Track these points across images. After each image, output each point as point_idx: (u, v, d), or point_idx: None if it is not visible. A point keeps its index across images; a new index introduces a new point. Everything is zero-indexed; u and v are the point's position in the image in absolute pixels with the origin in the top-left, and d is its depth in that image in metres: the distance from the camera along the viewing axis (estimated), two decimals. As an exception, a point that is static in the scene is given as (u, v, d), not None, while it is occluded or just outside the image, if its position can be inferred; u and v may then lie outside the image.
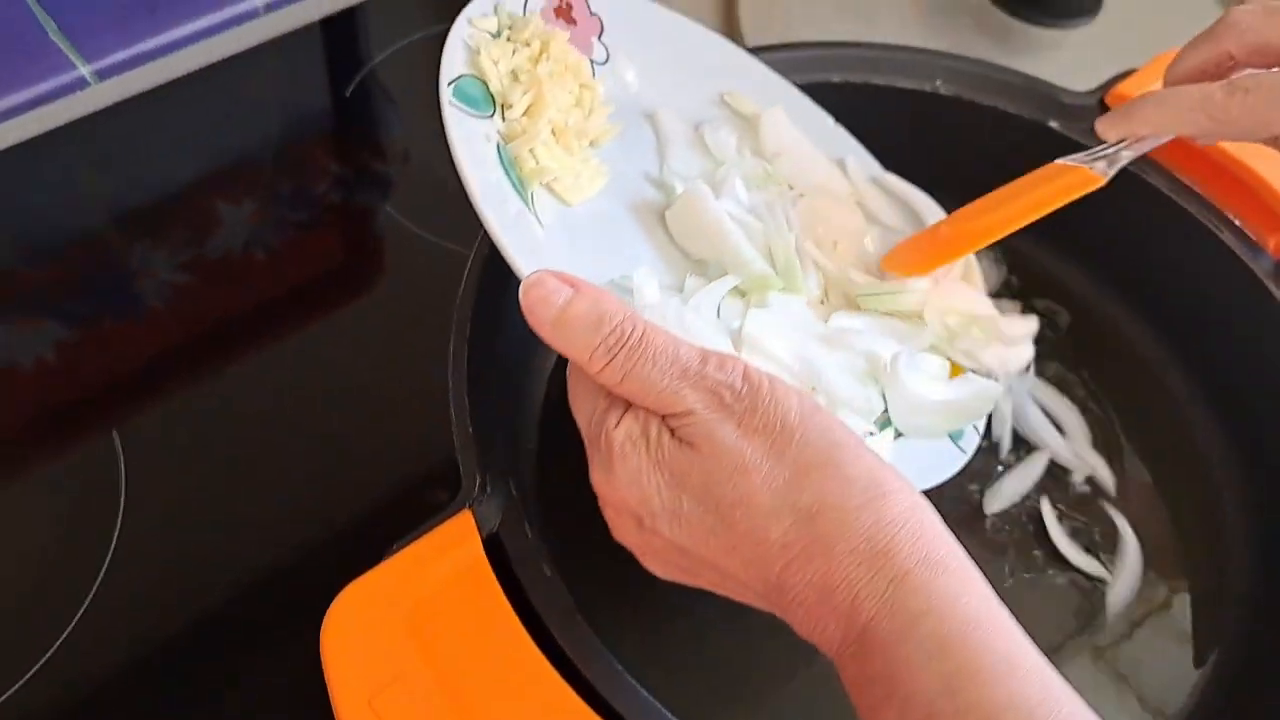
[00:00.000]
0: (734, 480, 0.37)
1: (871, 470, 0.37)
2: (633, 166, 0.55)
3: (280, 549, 0.59)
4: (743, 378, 0.38)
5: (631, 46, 0.59)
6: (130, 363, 0.67)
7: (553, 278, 0.40)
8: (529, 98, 0.50)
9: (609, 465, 0.40)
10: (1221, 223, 0.62)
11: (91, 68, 0.75)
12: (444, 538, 0.46)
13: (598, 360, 0.39)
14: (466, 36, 0.50)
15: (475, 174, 0.45)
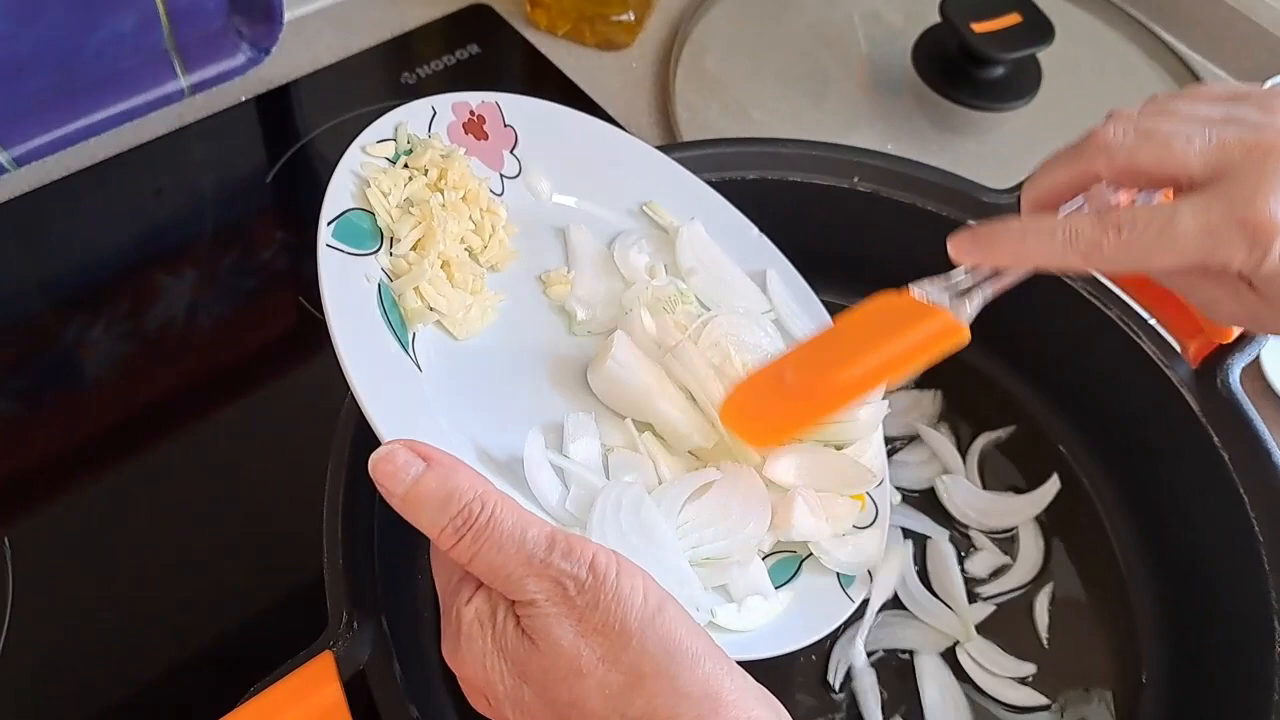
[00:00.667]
0: (569, 682, 0.36)
1: (707, 681, 0.36)
2: (535, 284, 0.54)
3: (153, 673, 0.58)
4: (589, 568, 0.37)
5: (547, 157, 0.58)
6: (26, 462, 0.65)
7: (403, 451, 0.39)
8: (418, 231, 0.49)
9: (456, 642, 0.39)
10: (1142, 330, 0.61)
11: (9, 154, 0.75)
12: (303, 681, 0.44)
13: (446, 539, 0.38)
14: (358, 166, 0.49)
15: (342, 324, 0.44)
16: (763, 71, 0.89)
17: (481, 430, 0.47)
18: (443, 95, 0.55)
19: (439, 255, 0.49)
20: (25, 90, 0.73)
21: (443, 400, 0.46)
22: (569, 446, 0.48)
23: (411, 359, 0.46)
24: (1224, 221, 0.40)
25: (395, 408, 0.43)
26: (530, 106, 0.58)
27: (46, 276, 0.75)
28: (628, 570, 0.37)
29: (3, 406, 0.68)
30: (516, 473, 0.46)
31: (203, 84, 0.82)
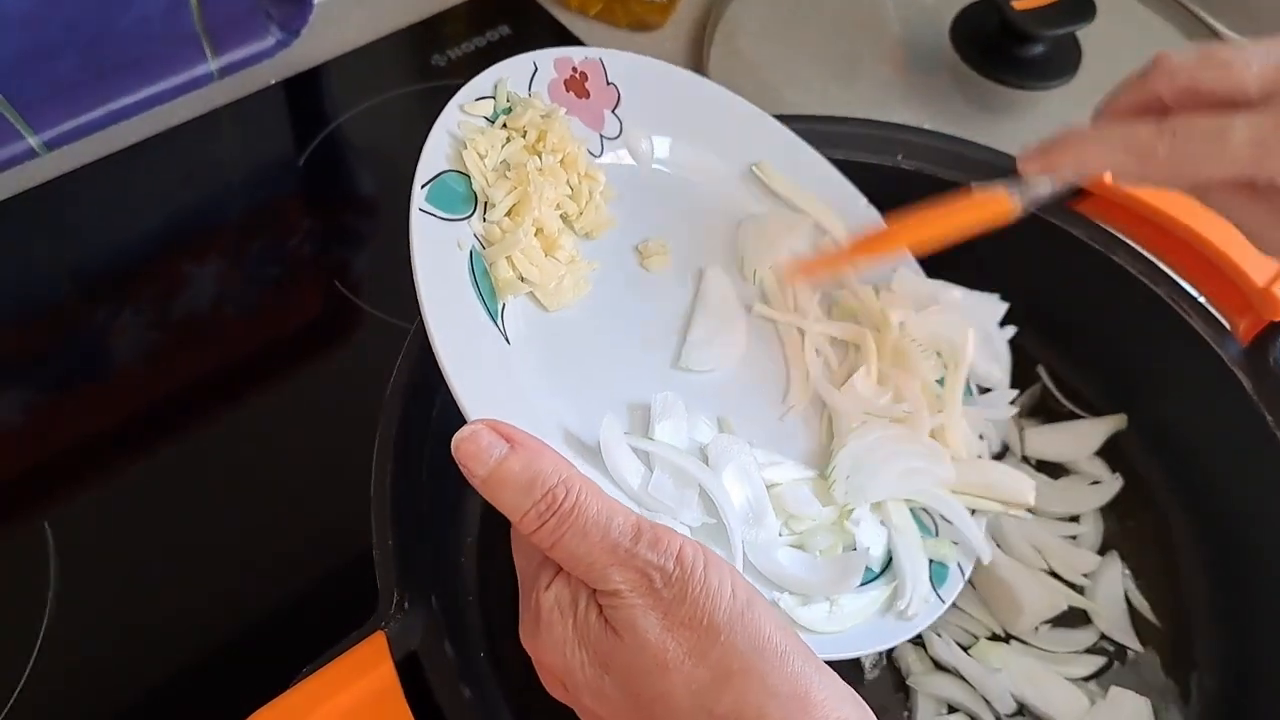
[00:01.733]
0: (654, 676, 0.35)
1: (796, 680, 0.35)
2: (630, 254, 0.53)
3: (200, 656, 0.57)
4: (675, 560, 0.36)
5: (651, 117, 0.56)
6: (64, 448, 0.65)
7: (487, 432, 0.38)
8: (513, 197, 0.47)
9: (535, 627, 0.38)
10: (1191, 308, 0.60)
11: (40, 138, 0.74)
12: (355, 662, 0.44)
13: (529, 524, 0.37)
14: (455, 126, 0.48)
15: (431, 294, 0.42)
16: (797, 52, 0.87)
17: (567, 407, 0.45)
18: (546, 50, 0.53)
19: (534, 222, 0.47)
20: (54, 73, 0.72)
21: (530, 374, 0.45)
22: (655, 427, 0.46)
23: (500, 330, 0.45)
24: (1276, 132, 0.42)
25: (481, 383, 0.42)
26: (636, 63, 0.55)
27: (77, 262, 0.74)
28: (715, 563, 0.36)
29: (39, 393, 0.67)
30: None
31: (232, 67, 0.81)
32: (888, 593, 0.48)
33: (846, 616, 0.46)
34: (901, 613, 0.48)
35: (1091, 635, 0.57)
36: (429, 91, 0.86)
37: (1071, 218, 0.63)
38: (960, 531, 0.52)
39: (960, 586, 0.51)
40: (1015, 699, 0.55)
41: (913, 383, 0.54)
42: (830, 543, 0.48)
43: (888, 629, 0.47)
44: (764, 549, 0.45)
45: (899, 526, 0.50)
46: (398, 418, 0.51)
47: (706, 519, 0.44)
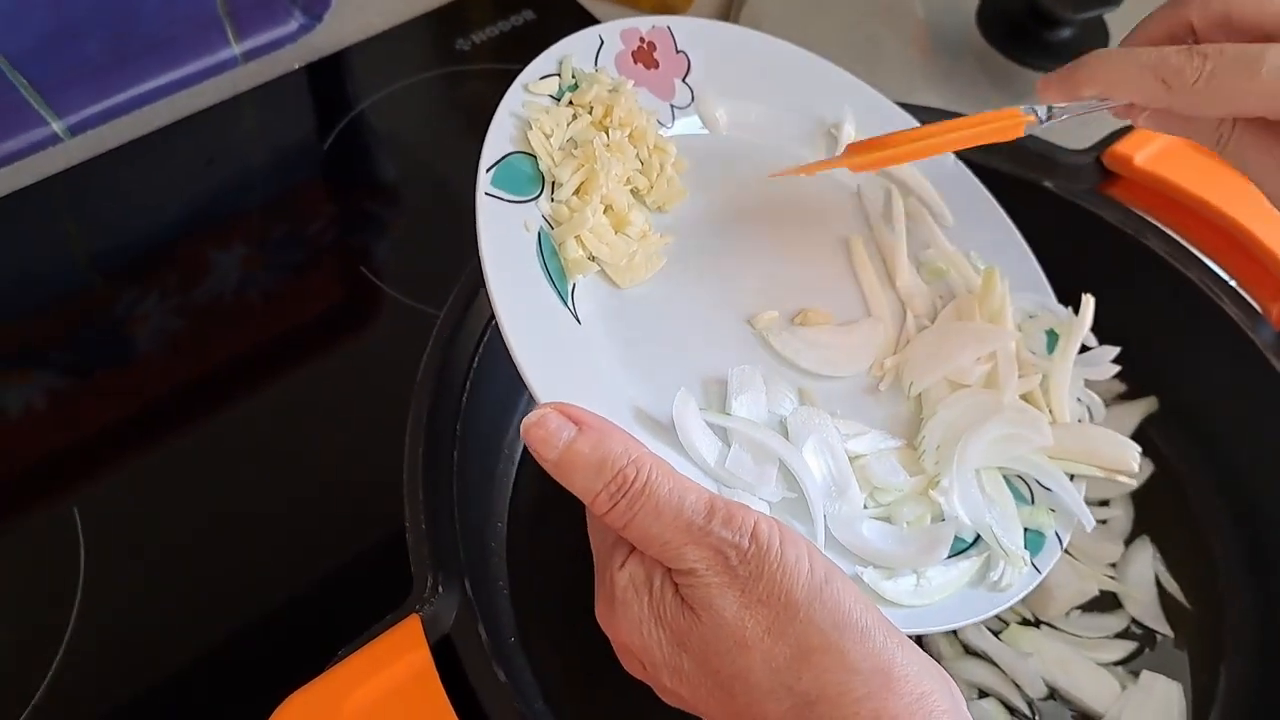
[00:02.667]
0: (733, 654, 0.35)
1: (878, 656, 0.34)
2: (706, 222, 0.52)
3: (233, 639, 0.57)
4: (750, 537, 0.35)
5: (723, 83, 0.55)
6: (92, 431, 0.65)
7: (555, 415, 0.37)
8: (580, 175, 0.47)
9: (611, 606, 0.38)
10: (1223, 292, 0.59)
11: (64, 123, 0.74)
12: (390, 645, 0.44)
13: (601, 505, 0.36)
14: (520, 106, 0.47)
15: (499, 278, 0.42)
16: (820, 35, 0.87)
17: (641, 385, 0.45)
18: (612, 23, 0.52)
19: (602, 199, 0.47)
20: (79, 56, 0.72)
21: (602, 353, 0.45)
22: (732, 401, 0.45)
23: (570, 311, 0.44)
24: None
25: (551, 366, 0.41)
26: (705, 28, 0.55)
27: (101, 248, 0.75)
28: (791, 539, 0.36)
29: (65, 378, 0.67)
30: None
31: (255, 51, 0.81)
32: (979, 564, 0.46)
33: (935, 590, 0.44)
34: (995, 584, 0.46)
35: (1122, 620, 0.57)
36: (452, 76, 0.86)
37: (1102, 201, 0.62)
38: (1059, 498, 0.49)
39: (1057, 556, 0.49)
40: (1046, 684, 0.55)
41: (1010, 345, 0.52)
42: (918, 513, 0.46)
43: (979, 601, 0.46)
44: (847, 522, 0.44)
45: (992, 495, 0.48)
46: (429, 402, 0.51)
47: (787, 494, 0.43)
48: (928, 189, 0.58)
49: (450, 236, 0.76)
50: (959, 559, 0.46)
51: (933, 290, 0.55)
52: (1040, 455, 0.50)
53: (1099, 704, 0.54)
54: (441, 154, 0.82)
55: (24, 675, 0.55)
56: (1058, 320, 0.55)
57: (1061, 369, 0.52)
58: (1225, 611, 0.58)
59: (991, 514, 0.47)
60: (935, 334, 0.53)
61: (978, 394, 0.50)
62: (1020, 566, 0.46)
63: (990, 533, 0.46)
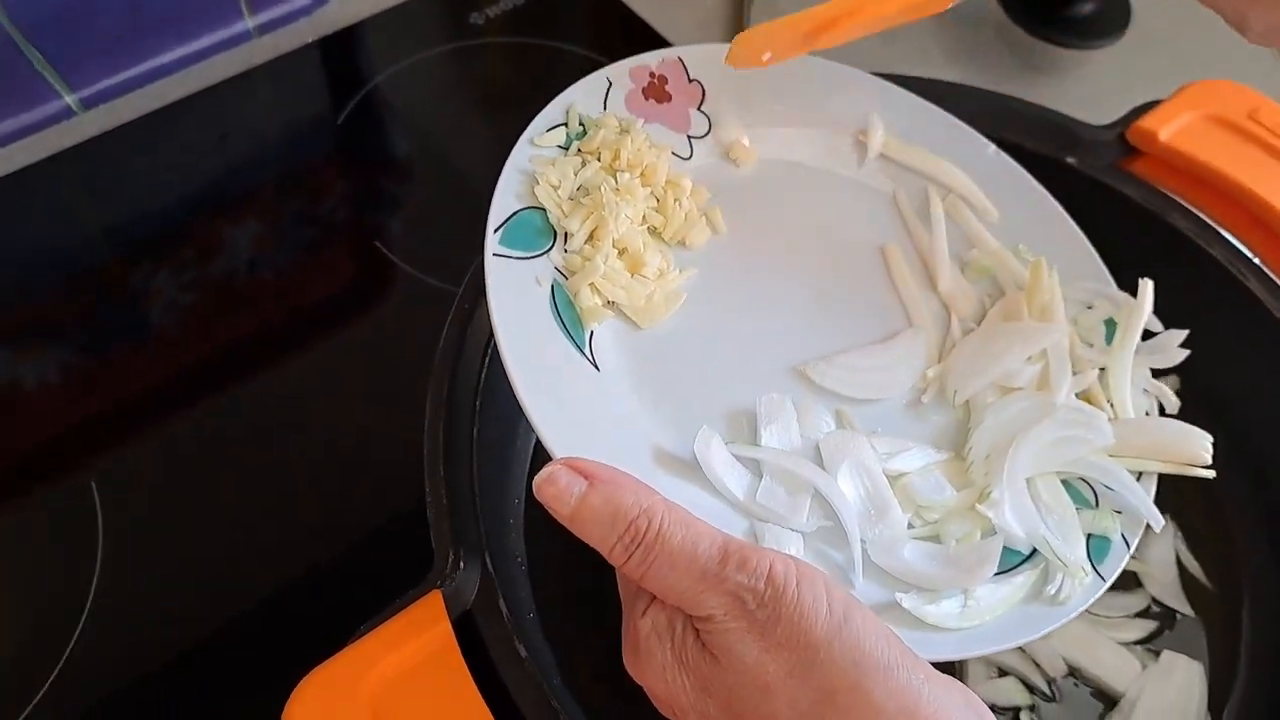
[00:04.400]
0: (756, 699, 0.35)
1: (903, 694, 0.34)
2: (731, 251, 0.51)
3: (255, 614, 0.57)
4: (766, 580, 0.35)
5: (740, 106, 0.54)
6: (109, 405, 0.65)
7: (565, 471, 0.38)
8: (590, 222, 0.46)
9: (636, 653, 0.38)
10: (1248, 269, 0.59)
11: (77, 96, 0.74)
12: (412, 620, 0.44)
13: (617, 556, 0.37)
14: (526, 162, 0.47)
15: (510, 339, 0.42)
16: (838, 10, 0.86)
17: (665, 425, 0.44)
18: (619, 63, 0.52)
19: (615, 243, 0.47)
20: (93, 29, 0.72)
21: (622, 398, 0.45)
22: (762, 431, 0.45)
23: (588, 359, 0.45)
24: None
25: (566, 420, 0.41)
26: (716, 54, 0.53)
27: (114, 222, 0.74)
28: (808, 578, 0.35)
29: (80, 354, 0.67)
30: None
31: (269, 25, 0.80)
32: (1034, 577, 0.44)
33: (984, 609, 0.42)
34: (1052, 598, 0.44)
35: (1142, 600, 0.57)
36: (466, 50, 0.85)
37: (1125, 178, 0.62)
38: (1125, 499, 0.47)
39: (1125, 561, 0.46)
40: (1066, 662, 0.54)
41: (1061, 341, 0.50)
42: (966, 530, 0.44)
43: (1035, 617, 0.43)
44: (888, 546, 0.43)
45: (1048, 503, 0.46)
46: (448, 379, 0.51)
47: (823, 522, 0.43)
48: (967, 184, 0.57)
49: (465, 212, 0.75)
50: (1012, 574, 0.44)
51: (979, 290, 0.54)
52: (1101, 456, 0.47)
53: (1119, 683, 0.54)
54: (456, 129, 0.82)
55: (44, 649, 0.56)
56: (1117, 308, 0.53)
57: (1120, 360, 0.50)
58: (1246, 591, 0.58)
59: (1048, 524, 0.45)
60: (979, 337, 0.51)
61: (1028, 396, 0.49)
62: (1081, 577, 0.44)
63: (1046, 544, 0.44)
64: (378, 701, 0.42)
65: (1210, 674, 0.55)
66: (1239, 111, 0.63)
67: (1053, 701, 0.54)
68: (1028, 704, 0.54)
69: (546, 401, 0.41)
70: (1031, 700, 0.54)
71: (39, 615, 0.57)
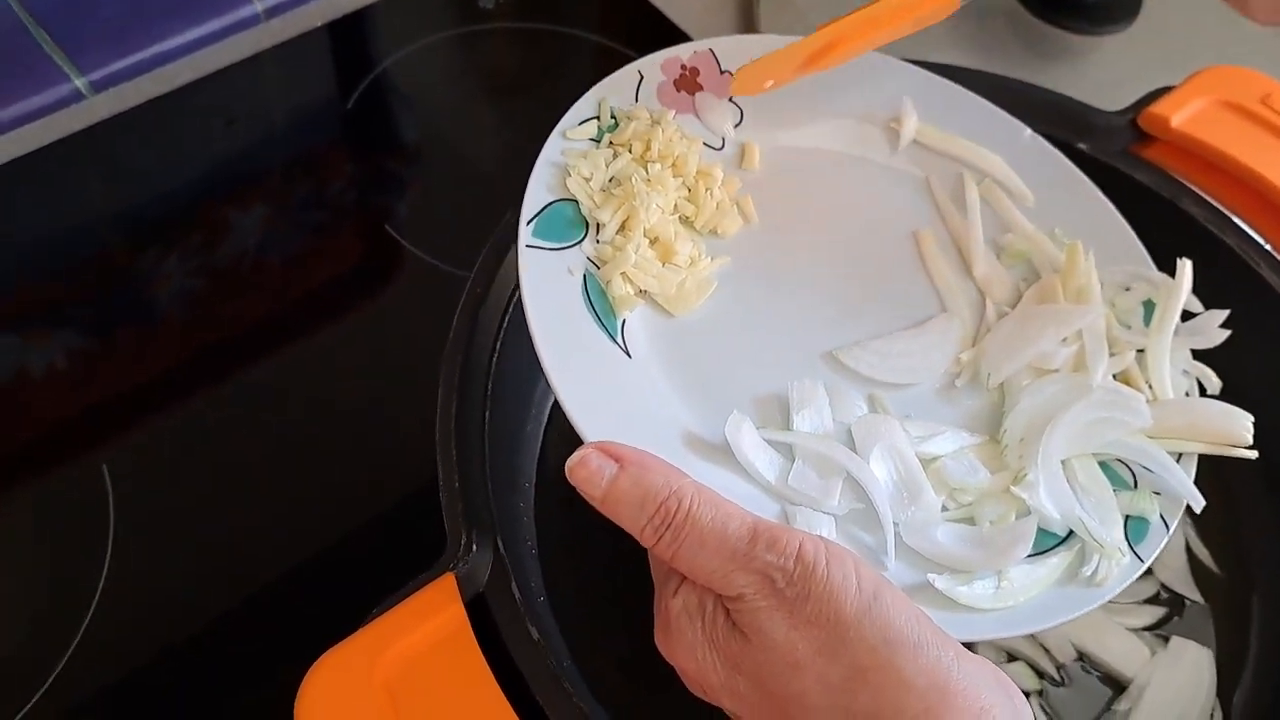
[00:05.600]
0: (787, 677, 0.35)
1: (933, 671, 0.34)
2: (764, 240, 0.51)
3: (268, 595, 0.58)
4: (795, 559, 0.35)
5: (770, 96, 0.54)
6: (119, 388, 0.65)
7: (596, 454, 0.39)
8: (622, 213, 0.47)
9: (667, 633, 0.39)
10: (1260, 257, 0.59)
11: (86, 79, 0.74)
12: (425, 602, 0.44)
13: (648, 537, 0.37)
14: (559, 155, 0.48)
15: (544, 328, 0.43)
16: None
17: (700, 410, 0.45)
18: (651, 56, 0.53)
19: (646, 233, 0.47)
20: (102, 13, 0.72)
21: (655, 384, 0.45)
22: (794, 416, 0.45)
23: (621, 346, 0.45)
24: None
25: (598, 406, 0.42)
26: (749, 45, 0.54)
27: (123, 206, 0.74)
28: (837, 557, 0.36)
29: (90, 337, 0.67)
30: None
31: (278, 8, 0.80)
32: (1070, 558, 0.44)
33: (1019, 590, 0.42)
34: (1089, 579, 0.43)
35: (1152, 586, 0.57)
36: (475, 35, 0.85)
37: (1137, 164, 0.61)
38: (1164, 480, 0.46)
39: (1164, 543, 0.45)
40: (1075, 648, 0.55)
41: (1098, 322, 0.50)
42: (1001, 512, 0.44)
43: (1071, 599, 0.43)
44: (920, 528, 0.43)
45: (1084, 485, 0.46)
46: (460, 362, 0.51)
47: (855, 504, 0.43)
48: (1002, 168, 0.57)
49: (474, 196, 0.76)
50: (1047, 555, 0.44)
51: (1014, 275, 0.54)
52: (1139, 437, 0.47)
53: (1128, 669, 0.54)
54: (465, 114, 0.82)
55: (57, 632, 0.56)
56: (1155, 290, 0.52)
57: (1159, 342, 0.50)
58: (1256, 578, 0.58)
59: (1084, 505, 0.45)
60: (1014, 320, 0.51)
61: (1064, 378, 0.48)
62: (1118, 558, 0.44)
63: (1082, 525, 0.44)
64: (391, 683, 0.42)
65: (1219, 660, 0.55)
66: (1251, 97, 0.62)
67: (1062, 686, 0.54)
68: (1037, 689, 0.54)
69: (579, 388, 0.42)
70: (1040, 685, 0.54)
71: (52, 599, 0.57)
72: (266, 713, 0.51)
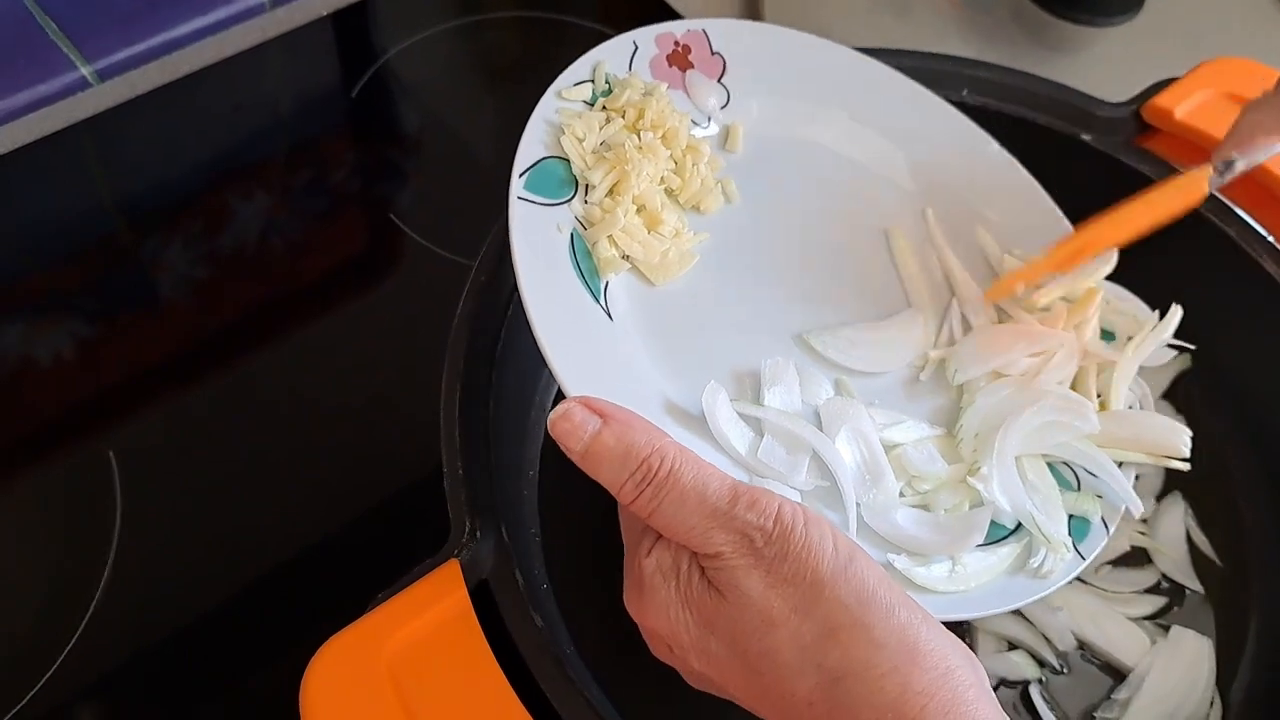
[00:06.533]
0: (760, 633, 0.35)
1: (903, 631, 0.35)
2: (743, 220, 0.52)
3: (272, 581, 0.58)
4: (775, 519, 0.36)
5: (758, 83, 0.55)
6: (124, 374, 0.65)
7: (579, 408, 0.38)
8: (612, 177, 0.47)
9: (639, 591, 0.39)
10: (1264, 250, 0.59)
11: (92, 68, 0.74)
12: (429, 588, 0.44)
13: (627, 494, 0.37)
14: (553, 113, 0.48)
15: (531, 280, 0.43)
16: (853, -15, 0.86)
17: (672, 379, 0.46)
18: (645, 28, 0.53)
19: (634, 200, 0.48)
20: (110, 2, 0.72)
21: (634, 348, 0.46)
22: (765, 392, 0.46)
23: (603, 308, 0.45)
24: None
25: (581, 361, 0.42)
26: (742, 30, 0.55)
27: (128, 194, 0.74)
28: (815, 521, 0.36)
29: (94, 323, 0.68)
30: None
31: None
32: (1019, 550, 0.46)
33: (971, 575, 0.44)
34: (1035, 571, 0.45)
35: (1152, 575, 0.57)
36: (478, 25, 0.85)
37: (1140, 155, 0.61)
38: (1106, 485, 0.48)
39: (1103, 543, 0.48)
40: (1076, 637, 0.55)
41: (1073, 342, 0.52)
42: (956, 501, 0.46)
43: (1018, 588, 0.45)
44: (881, 510, 0.45)
45: (1034, 482, 0.48)
46: (464, 349, 0.51)
47: (820, 482, 0.44)
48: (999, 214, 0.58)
49: (476, 185, 0.76)
50: (998, 546, 0.46)
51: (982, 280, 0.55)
52: (1086, 443, 0.49)
53: (1128, 658, 0.54)
54: (467, 103, 0.82)
55: (64, 617, 0.56)
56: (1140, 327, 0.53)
57: (1128, 363, 0.52)
58: (1255, 568, 0.58)
59: (1034, 501, 0.47)
60: (989, 330, 0.53)
61: (1018, 381, 0.50)
62: (1063, 553, 0.46)
63: (1032, 520, 0.46)
64: (395, 668, 0.43)
65: (1219, 650, 0.55)
66: (1254, 88, 0.62)
67: (1062, 675, 0.55)
68: (1037, 677, 0.54)
69: (562, 341, 0.42)
70: (1041, 674, 0.54)
71: (59, 583, 0.57)
72: (272, 696, 0.52)
